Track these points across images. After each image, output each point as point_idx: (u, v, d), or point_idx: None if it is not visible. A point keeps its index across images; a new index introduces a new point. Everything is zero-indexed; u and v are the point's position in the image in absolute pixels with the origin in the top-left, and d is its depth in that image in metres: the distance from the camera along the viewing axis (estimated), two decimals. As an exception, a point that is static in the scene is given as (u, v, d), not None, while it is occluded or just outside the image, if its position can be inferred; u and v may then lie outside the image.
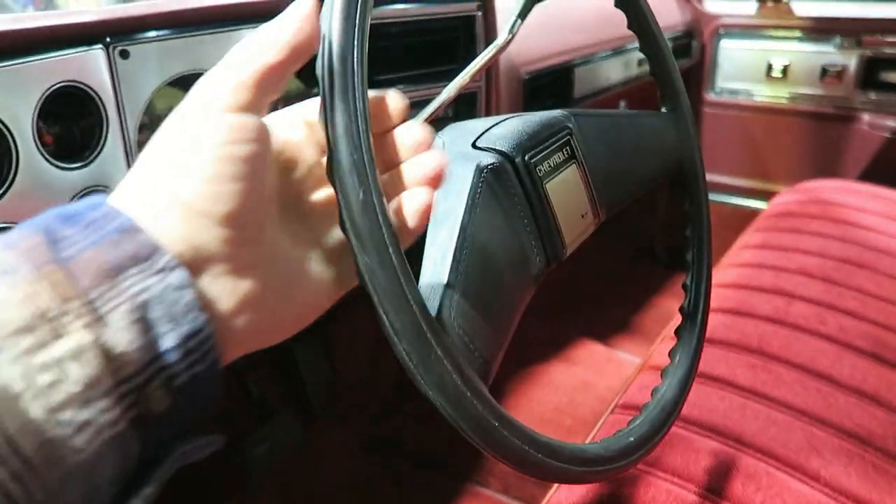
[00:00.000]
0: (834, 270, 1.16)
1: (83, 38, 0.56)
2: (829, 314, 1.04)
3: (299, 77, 0.80)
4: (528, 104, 1.15)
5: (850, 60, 1.66)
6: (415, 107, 0.80)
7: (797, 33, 1.72)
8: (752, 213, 1.61)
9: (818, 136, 1.78)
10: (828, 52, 1.69)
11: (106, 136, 0.59)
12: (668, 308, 1.79)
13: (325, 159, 0.34)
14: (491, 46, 0.73)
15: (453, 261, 0.41)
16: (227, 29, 0.67)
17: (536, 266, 0.50)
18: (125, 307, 0.26)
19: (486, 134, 0.53)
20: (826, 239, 1.27)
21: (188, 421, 0.29)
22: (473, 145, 0.52)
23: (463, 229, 0.43)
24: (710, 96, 1.86)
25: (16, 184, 0.52)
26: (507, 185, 0.49)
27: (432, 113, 0.75)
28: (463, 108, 0.96)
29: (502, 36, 0.73)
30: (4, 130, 0.50)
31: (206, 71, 0.64)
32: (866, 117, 1.68)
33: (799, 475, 0.76)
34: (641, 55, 0.61)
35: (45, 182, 0.54)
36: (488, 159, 0.49)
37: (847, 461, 0.78)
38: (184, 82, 0.66)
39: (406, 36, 0.89)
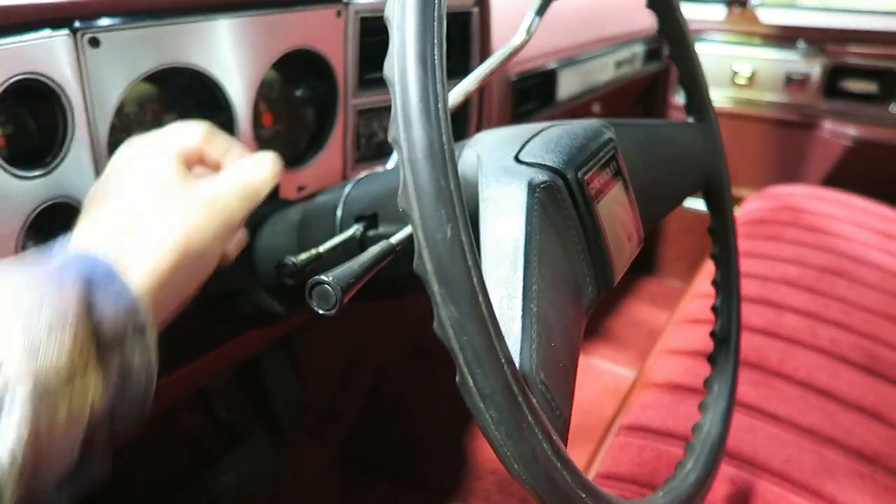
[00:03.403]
0: (817, 280, 1.15)
1: (46, 22, 0.47)
2: (820, 326, 1.03)
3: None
4: (515, 107, 1.10)
5: (814, 68, 1.68)
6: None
7: (763, 40, 1.74)
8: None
9: (782, 143, 1.80)
10: (792, 60, 1.71)
11: (71, 139, 0.50)
12: (638, 313, 1.77)
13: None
14: (506, 47, 0.67)
15: (524, 300, 0.35)
16: (208, 18, 0.59)
17: (588, 297, 0.44)
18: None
19: (528, 146, 0.46)
20: (804, 247, 1.27)
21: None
22: (517, 159, 0.45)
23: (526, 262, 0.37)
24: (677, 100, 1.86)
25: None
26: (561, 206, 0.43)
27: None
28: (456, 112, 0.89)
29: (518, 36, 0.67)
30: None
31: (183, 65, 0.56)
32: (828, 125, 1.71)
33: (816, 499, 0.73)
34: (617, 58, 0.57)
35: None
36: (539, 176, 0.43)
37: (860, 483, 0.76)
38: (159, 78, 0.57)
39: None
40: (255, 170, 0.45)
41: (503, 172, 0.44)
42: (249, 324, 0.71)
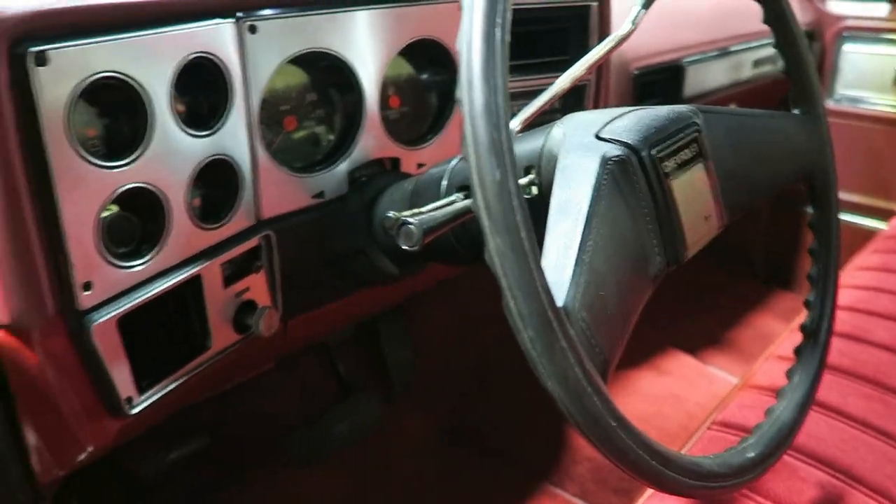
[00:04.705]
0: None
1: (215, 12, 0.58)
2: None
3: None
4: (638, 101, 1.11)
5: None
6: (524, 97, 0.79)
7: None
8: (869, 233, 1.49)
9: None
10: (969, 62, 1.54)
11: (231, 109, 0.61)
12: (766, 326, 1.69)
13: None
14: (611, 37, 0.70)
15: (578, 252, 0.40)
16: (347, 9, 0.68)
17: (656, 266, 0.48)
18: None
19: (610, 125, 0.51)
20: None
21: None
22: (597, 136, 0.50)
23: (588, 221, 0.42)
24: (829, 104, 1.74)
25: (152, 146, 0.54)
26: (632, 179, 0.47)
27: (544, 104, 0.74)
28: (571, 101, 0.93)
29: (624, 27, 0.71)
30: (143, 95, 0.53)
31: (323, 50, 0.65)
32: None
33: (917, 518, 0.69)
34: (756, 56, 0.57)
35: (174, 148, 0.57)
36: (614, 151, 0.47)
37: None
38: (303, 60, 0.67)
39: (517, 24, 0.87)
40: None
41: (582, 147, 0.48)
42: (366, 281, 0.80)
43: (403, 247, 0.46)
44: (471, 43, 0.33)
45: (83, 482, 0.73)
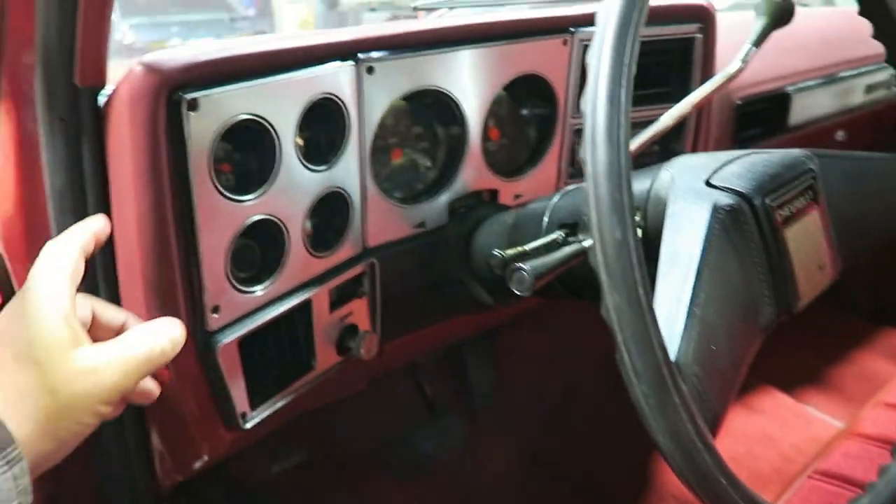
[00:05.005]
0: None
1: (337, 55, 0.62)
2: None
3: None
4: (739, 131, 1.08)
5: None
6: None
7: None
8: None
9: None
10: None
11: (347, 144, 0.65)
12: (871, 367, 1.59)
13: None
14: (719, 75, 0.70)
15: (690, 305, 0.40)
16: (454, 49, 0.71)
17: (767, 317, 0.47)
18: None
19: (720, 171, 0.51)
20: None
21: None
22: (707, 182, 0.50)
23: (698, 272, 0.42)
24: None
25: (276, 181, 0.59)
26: (743, 228, 0.46)
27: (647, 140, 0.74)
28: (670, 133, 0.92)
29: (733, 64, 0.70)
30: (274, 135, 0.57)
31: (431, 87, 0.68)
32: None
33: None
34: (869, 81, 0.55)
35: (296, 181, 0.61)
36: (725, 199, 0.47)
37: None
38: (411, 96, 0.70)
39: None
40: (145, 344, 0.44)
41: (691, 193, 0.48)
42: (460, 309, 0.83)
43: (515, 291, 0.48)
44: (595, 104, 0.34)
45: (191, 489, 0.79)
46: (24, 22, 0.47)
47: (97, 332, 0.47)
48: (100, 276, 0.54)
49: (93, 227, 0.46)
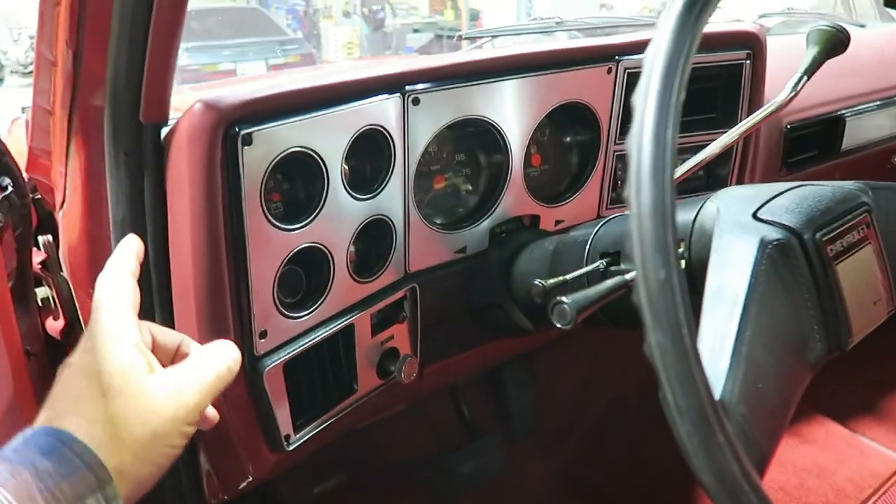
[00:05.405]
0: None
1: (385, 88, 0.64)
2: None
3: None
4: (789, 156, 1.06)
5: None
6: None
7: None
8: None
9: None
10: None
11: (391, 173, 0.66)
12: (931, 397, 1.52)
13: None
14: (769, 104, 0.69)
15: (736, 342, 0.40)
16: (498, 79, 0.71)
17: (816, 353, 0.46)
18: None
19: (769, 204, 0.50)
20: None
21: None
22: (755, 216, 0.49)
23: (745, 309, 0.41)
24: None
25: (324, 209, 0.60)
26: (792, 263, 0.46)
27: (693, 168, 0.73)
28: (717, 158, 0.91)
29: (784, 93, 0.69)
30: (322, 166, 0.59)
31: (474, 117, 0.68)
32: None
33: None
34: None
35: (342, 210, 0.62)
36: (773, 234, 0.46)
37: None
38: (455, 125, 0.71)
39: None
40: (215, 364, 0.46)
41: (738, 227, 0.48)
42: (500, 333, 0.83)
43: (557, 325, 0.48)
44: (641, 144, 0.34)
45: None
46: (97, 65, 0.50)
47: (156, 354, 0.49)
48: (155, 301, 0.57)
49: (133, 249, 0.48)
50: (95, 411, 0.42)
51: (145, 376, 0.43)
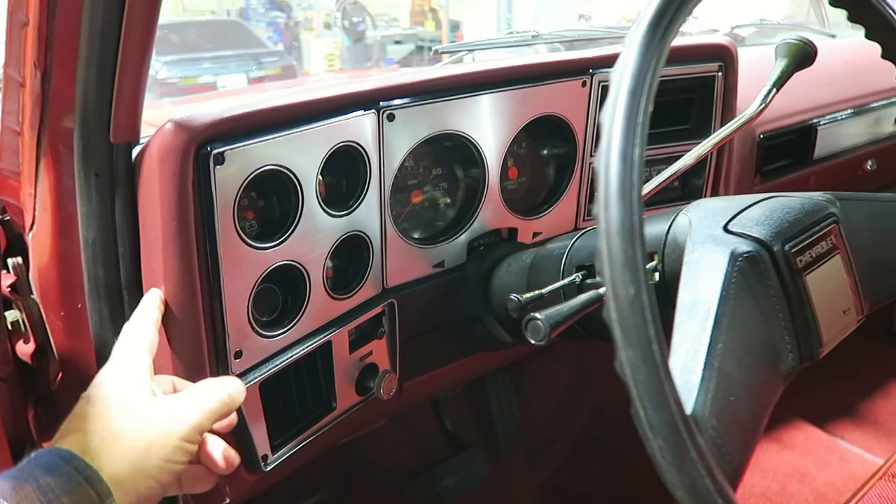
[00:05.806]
0: None
1: (360, 104, 0.64)
2: None
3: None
4: (763, 165, 1.08)
5: None
6: (647, 165, 0.78)
7: None
8: None
9: None
10: None
11: (367, 189, 0.66)
12: (910, 400, 1.54)
13: None
14: (739, 117, 0.70)
15: (707, 356, 0.40)
16: (473, 94, 0.72)
17: (788, 364, 0.46)
18: None
19: (739, 217, 0.50)
20: None
21: None
22: (726, 229, 0.49)
23: (716, 322, 0.42)
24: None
25: (299, 227, 0.60)
26: (763, 275, 0.46)
27: (666, 180, 0.74)
28: (691, 168, 0.92)
29: (753, 106, 0.70)
30: (297, 183, 0.59)
31: (450, 132, 0.68)
32: None
33: None
34: None
35: (318, 227, 0.62)
36: (744, 247, 0.47)
37: None
38: (431, 140, 0.71)
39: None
40: (216, 391, 0.49)
41: (709, 240, 0.48)
42: (479, 346, 0.83)
43: (531, 340, 0.48)
44: (608, 163, 0.34)
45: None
46: (66, 85, 0.49)
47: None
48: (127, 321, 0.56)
49: (157, 300, 0.53)
50: (95, 425, 0.45)
51: (147, 397, 0.47)
